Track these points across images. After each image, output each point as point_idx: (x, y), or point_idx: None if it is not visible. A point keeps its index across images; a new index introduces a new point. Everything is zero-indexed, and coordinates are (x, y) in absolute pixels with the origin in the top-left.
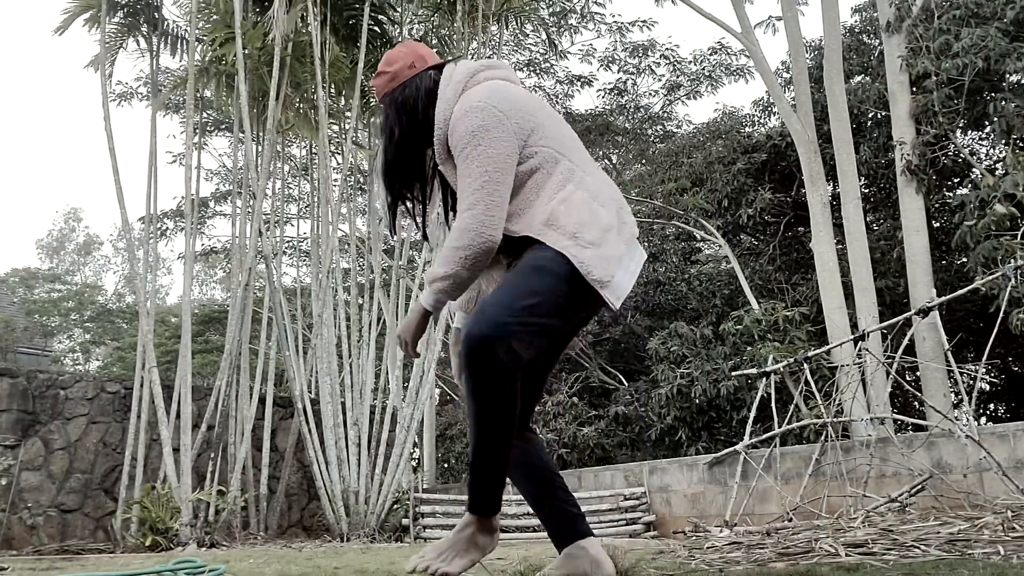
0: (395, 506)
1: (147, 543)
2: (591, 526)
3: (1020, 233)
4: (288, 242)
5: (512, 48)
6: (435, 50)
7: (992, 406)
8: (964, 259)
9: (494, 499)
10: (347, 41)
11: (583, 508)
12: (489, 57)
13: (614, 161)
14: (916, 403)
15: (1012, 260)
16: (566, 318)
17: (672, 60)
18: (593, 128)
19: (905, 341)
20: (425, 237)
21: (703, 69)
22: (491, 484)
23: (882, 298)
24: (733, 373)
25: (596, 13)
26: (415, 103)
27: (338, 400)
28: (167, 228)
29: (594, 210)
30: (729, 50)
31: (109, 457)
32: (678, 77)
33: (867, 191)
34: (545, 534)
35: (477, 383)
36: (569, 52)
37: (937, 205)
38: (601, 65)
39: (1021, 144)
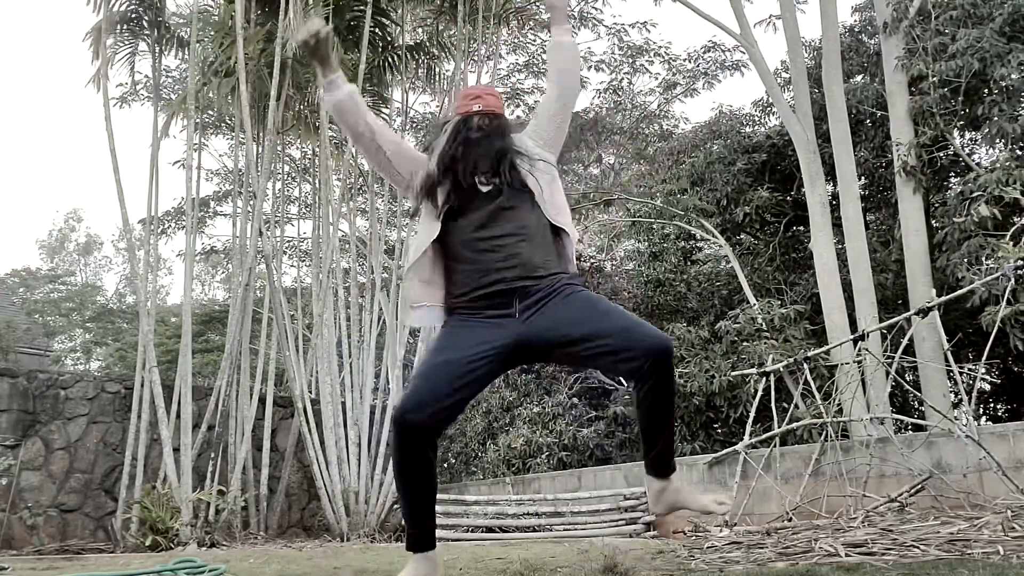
0: (395, 506)
1: (147, 543)
2: (591, 526)
3: (1009, 234)
4: (288, 242)
5: (510, 48)
6: (434, 53)
7: (992, 406)
8: (953, 258)
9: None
10: (347, 43)
11: (583, 508)
12: (488, 59)
13: (612, 161)
14: (916, 403)
15: (1010, 260)
16: None
17: (666, 58)
18: (588, 126)
19: (904, 341)
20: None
21: (698, 66)
22: None
23: (881, 298)
24: (732, 372)
25: (595, 17)
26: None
27: (338, 400)
28: (167, 227)
29: None
30: (723, 47)
31: (109, 457)
32: (674, 75)
33: (866, 191)
34: (545, 534)
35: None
36: None
37: (937, 205)
38: (591, 67)
39: (1020, 144)
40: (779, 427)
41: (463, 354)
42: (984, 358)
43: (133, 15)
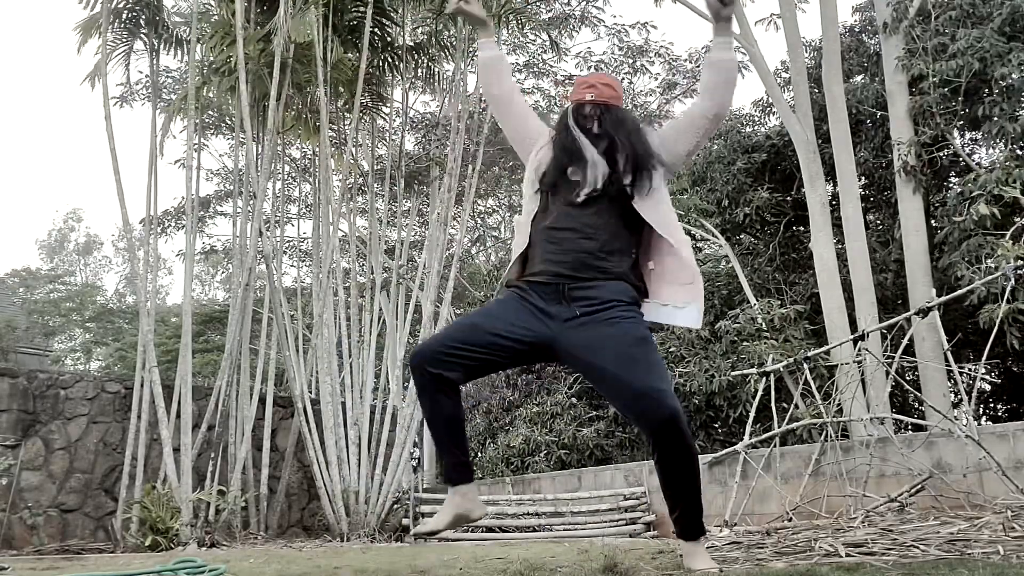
0: (395, 506)
1: (147, 543)
2: (591, 526)
3: (1009, 233)
4: (288, 242)
5: (510, 48)
6: (434, 54)
7: (992, 406)
8: (953, 257)
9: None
10: (347, 43)
11: (583, 508)
12: None
13: None
14: (916, 403)
15: (1010, 260)
16: None
17: (667, 59)
18: None
19: (904, 341)
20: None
21: (699, 66)
22: None
23: (881, 298)
24: (732, 372)
25: (596, 17)
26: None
27: (338, 400)
28: (167, 227)
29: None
30: None
31: (109, 457)
32: (673, 75)
33: (866, 191)
34: (545, 534)
35: (691, 443)
36: (567, 53)
37: (937, 205)
38: (591, 67)
39: (1020, 144)
40: (779, 427)
41: (495, 326)
42: (984, 358)
43: (131, 13)
